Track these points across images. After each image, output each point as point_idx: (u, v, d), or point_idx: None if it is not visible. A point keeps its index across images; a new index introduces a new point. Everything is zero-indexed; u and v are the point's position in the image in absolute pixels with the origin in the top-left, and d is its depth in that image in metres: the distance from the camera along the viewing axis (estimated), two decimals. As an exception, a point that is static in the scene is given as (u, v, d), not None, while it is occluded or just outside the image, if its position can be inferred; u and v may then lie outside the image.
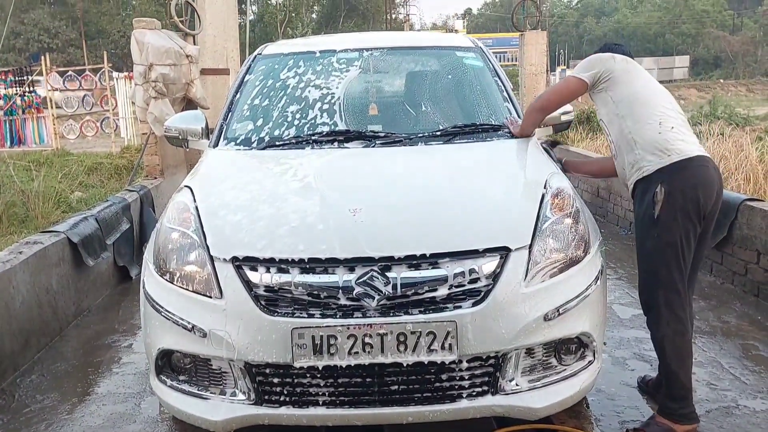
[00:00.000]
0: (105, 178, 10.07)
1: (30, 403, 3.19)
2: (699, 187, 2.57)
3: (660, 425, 2.68)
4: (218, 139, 3.40)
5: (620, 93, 2.76)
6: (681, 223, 2.56)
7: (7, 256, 3.65)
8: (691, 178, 2.58)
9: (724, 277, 4.61)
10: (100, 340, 3.99)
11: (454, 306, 2.25)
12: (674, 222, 2.56)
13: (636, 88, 2.77)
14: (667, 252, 2.59)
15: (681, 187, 2.56)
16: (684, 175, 2.58)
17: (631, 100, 2.73)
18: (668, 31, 65.53)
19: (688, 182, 2.57)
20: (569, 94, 3.01)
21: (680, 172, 2.58)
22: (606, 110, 2.84)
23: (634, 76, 2.80)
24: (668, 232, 2.58)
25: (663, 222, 2.58)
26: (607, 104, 2.81)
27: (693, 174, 2.58)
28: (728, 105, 16.33)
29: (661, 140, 2.63)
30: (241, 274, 2.31)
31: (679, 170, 2.58)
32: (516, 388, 2.36)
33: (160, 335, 2.44)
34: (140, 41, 6.32)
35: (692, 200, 2.56)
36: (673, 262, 2.59)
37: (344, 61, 3.66)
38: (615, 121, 2.78)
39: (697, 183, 2.58)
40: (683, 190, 2.56)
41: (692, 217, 2.57)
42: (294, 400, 2.31)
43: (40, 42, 40.45)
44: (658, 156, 2.62)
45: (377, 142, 3.17)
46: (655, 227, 2.60)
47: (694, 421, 2.69)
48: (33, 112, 14.17)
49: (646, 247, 2.66)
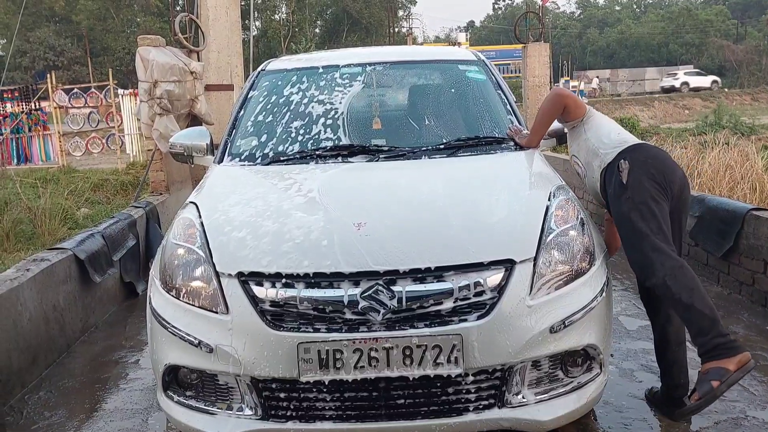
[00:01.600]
0: (111, 195, 10.14)
1: (38, 420, 3.20)
2: (659, 158, 2.86)
3: (708, 372, 2.50)
4: (223, 155, 3.42)
5: (591, 125, 3.06)
6: (647, 185, 2.75)
7: (14, 273, 3.67)
8: (649, 151, 2.88)
9: (731, 287, 4.59)
10: (107, 356, 3.99)
11: (460, 319, 2.25)
12: (641, 185, 2.75)
13: (602, 120, 3.11)
14: (641, 209, 2.72)
15: (641, 158, 2.82)
16: (642, 150, 2.88)
17: (597, 127, 3.04)
18: (672, 41, 65.67)
19: (648, 155, 2.85)
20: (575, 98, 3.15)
21: (638, 149, 2.88)
22: (577, 142, 3.12)
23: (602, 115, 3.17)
24: (638, 192, 2.75)
25: (631, 185, 2.77)
26: (579, 136, 3.10)
27: (650, 150, 2.91)
28: (733, 114, 16.34)
29: (619, 138, 2.95)
30: (247, 289, 2.31)
31: (637, 148, 2.89)
32: (522, 401, 2.36)
33: (167, 351, 2.45)
34: (145, 58, 6.38)
35: (653, 166, 2.79)
36: (649, 216, 2.70)
37: (347, 75, 3.69)
38: (583, 145, 3.07)
39: (656, 154, 2.87)
40: (643, 160, 2.81)
41: (659, 181, 2.77)
42: (301, 414, 2.31)
43: (45, 60, 40.84)
44: (618, 147, 2.90)
45: (381, 156, 3.19)
46: (625, 191, 2.77)
47: (738, 350, 2.51)
48: (39, 130, 14.28)
49: (623, 212, 2.78)
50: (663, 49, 66.29)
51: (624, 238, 2.82)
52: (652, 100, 36.71)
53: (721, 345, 2.51)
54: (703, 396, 2.49)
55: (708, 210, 4.81)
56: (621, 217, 2.81)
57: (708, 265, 4.86)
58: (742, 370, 2.48)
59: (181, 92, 6.60)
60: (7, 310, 3.39)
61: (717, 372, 2.48)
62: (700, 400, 2.51)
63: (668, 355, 2.92)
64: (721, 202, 4.79)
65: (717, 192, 6.60)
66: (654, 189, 2.75)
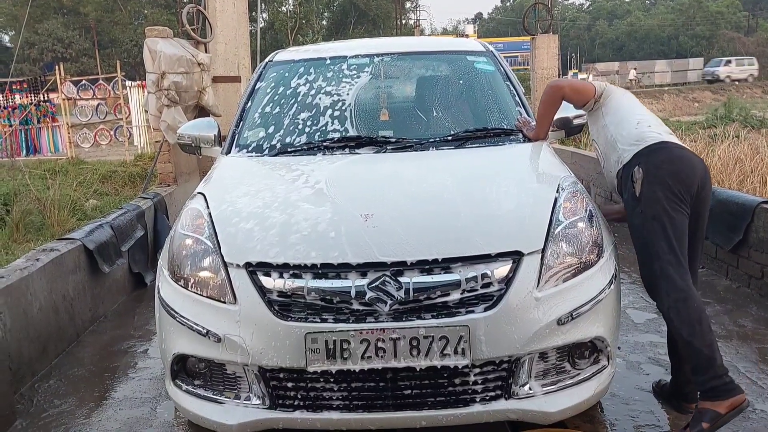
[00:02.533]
0: (119, 186, 10.19)
1: (48, 408, 3.23)
2: (675, 162, 2.70)
3: (701, 412, 2.55)
4: (230, 146, 3.42)
5: (610, 109, 2.98)
6: (662, 197, 2.65)
7: (24, 263, 3.69)
8: (665, 155, 2.72)
9: (740, 280, 4.57)
10: (116, 346, 4.02)
11: (467, 311, 2.26)
12: (654, 196, 2.66)
13: (623, 104, 2.99)
14: (654, 225, 2.65)
15: (657, 164, 2.70)
16: (658, 154, 2.73)
17: (616, 111, 2.96)
18: (682, 33, 65.14)
19: (664, 159, 2.71)
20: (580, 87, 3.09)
21: (655, 153, 2.73)
22: (596, 126, 3.05)
23: (627, 99, 3.04)
24: (650, 206, 2.66)
25: (645, 198, 2.68)
26: (598, 120, 3.02)
27: (667, 153, 2.73)
28: (743, 107, 16.22)
29: (637, 133, 2.82)
30: (255, 279, 2.32)
31: (654, 151, 2.74)
32: (529, 392, 2.36)
33: (176, 340, 2.46)
34: (152, 50, 6.38)
35: (670, 174, 2.67)
36: (660, 233, 2.63)
37: (355, 67, 3.68)
38: (602, 132, 3.00)
39: (672, 158, 2.71)
40: (659, 166, 2.69)
41: (675, 191, 2.66)
42: (308, 404, 2.32)
43: (54, 52, 40.92)
44: (635, 145, 2.79)
45: (388, 148, 3.19)
46: (638, 204, 2.71)
47: (732, 393, 2.51)
48: (48, 121, 14.34)
49: (635, 225, 2.75)
50: (673, 42, 65.78)
51: (637, 250, 2.79)
52: (661, 92, 36.47)
53: (716, 387, 2.53)
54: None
55: (718, 203, 4.78)
56: (634, 230, 2.78)
57: (717, 259, 4.84)
58: (734, 413, 2.51)
59: (188, 84, 6.60)
60: (17, 300, 3.41)
61: (709, 414, 2.52)
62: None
63: (681, 350, 2.87)
64: (731, 195, 4.77)
65: (727, 185, 6.57)
66: (669, 200, 2.65)
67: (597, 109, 3.03)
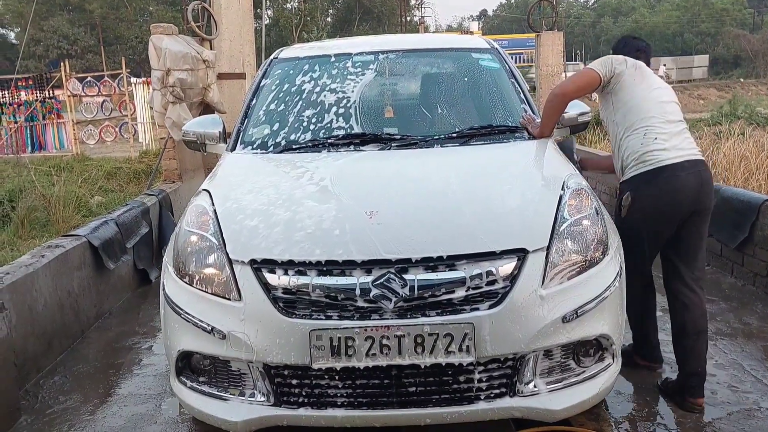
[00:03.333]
0: (124, 183, 10.21)
1: (53, 404, 3.24)
2: (664, 197, 2.83)
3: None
4: (235, 143, 3.42)
5: (620, 99, 2.99)
6: (643, 228, 2.90)
7: (29, 259, 3.70)
8: (657, 189, 2.84)
9: (745, 278, 4.56)
10: (121, 342, 4.03)
11: (472, 308, 2.25)
12: (636, 226, 2.90)
13: (635, 95, 2.96)
14: (629, 244, 2.82)
15: (645, 196, 2.87)
16: (651, 186, 2.85)
17: (627, 109, 2.96)
18: (687, 30, 64.91)
19: (652, 193, 2.85)
20: (585, 86, 3.12)
21: (648, 184, 2.86)
22: (605, 113, 3.11)
23: (639, 82, 2.98)
24: (632, 232, 2.89)
25: (627, 224, 2.90)
26: (608, 108, 3.07)
27: (661, 185, 2.84)
28: (749, 104, 16.15)
29: (642, 151, 2.88)
30: (260, 276, 2.32)
31: (648, 182, 2.85)
32: (534, 390, 2.36)
33: (180, 337, 2.47)
34: (158, 47, 6.39)
35: (659, 205, 2.85)
36: (631, 253, 2.82)
37: (360, 64, 3.67)
38: (610, 126, 3.08)
39: (662, 194, 2.84)
40: (646, 200, 2.87)
41: (659, 221, 2.88)
42: (312, 401, 2.33)
43: (59, 48, 41.02)
44: (635, 166, 2.90)
45: (393, 145, 3.18)
46: (621, 224, 2.90)
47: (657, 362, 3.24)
48: (53, 118, 14.38)
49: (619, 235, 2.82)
50: (678, 39, 65.57)
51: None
52: (666, 90, 36.33)
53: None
54: None
55: (723, 201, 4.77)
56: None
57: (722, 256, 4.82)
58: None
59: (193, 81, 6.61)
60: (22, 296, 3.43)
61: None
62: None
63: (685, 344, 2.94)
64: (736, 193, 4.75)
65: (732, 182, 6.54)
66: (649, 231, 2.91)
67: (606, 94, 3.06)
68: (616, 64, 3.01)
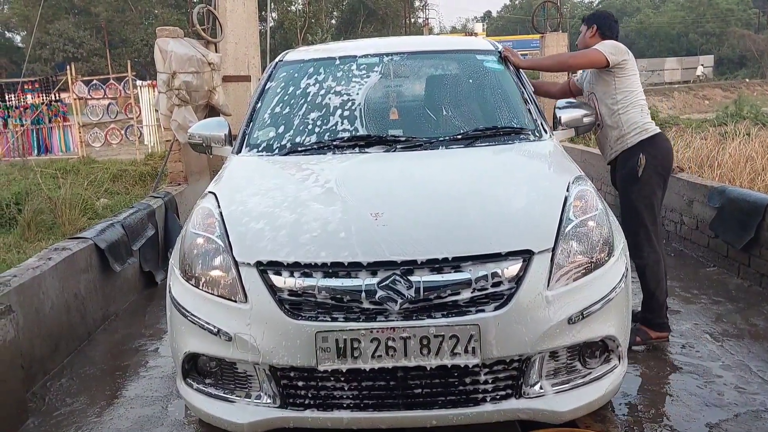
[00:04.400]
0: (129, 185, 10.24)
1: (60, 407, 3.25)
2: (666, 154, 3.57)
3: (640, 330, 3.53)
4: (241, 146, 3.43)
5: (622, 82, 3.57)
6: (656, 181, 3.50)
7: (36, 262, 3.72)
8: (661, 148, 3.54)
9: (751, 279, 4.54)
10: (127, 345, 4.04)
11: (477, 309, 2.26)
12: (651, 181, 3.49)
13: (632, 81, 3.59)
14: (646, 201, 3.49)
15: (655, 155, 3.50)
16: (655, 144, 3.52)
17: (627, 91, 3.57)
18: (692, 30, 64.65)
19: (661, 152, 3.53)
20: (589, 62, 3.62)
21: (653, 143, 3.52)
22: (604, 89, 3.61)
23: (634, 71, 3.61)
24: (648, 187, 3.49)
25: (644, 180, 3.48)
26: (608, 86, 3.59)
27: (662, 145, 3.56)
28: (754, 105, 16.11)
29: (641, 122, 3.55)
30: (266, 278, 2.33)
31: (652, 143, 3.52)
32: (540, 391, 2.36)
33: (187, 339, 2.48)
34: (163, 50, 6.41)
35: (662, 162, 3.52)
36: (650, 208, 3.50)
37: (365, 66, 3.68)
38: (609, 102, 3.59)
39: (665, 151, 3.57)
40: (656, 156, 3.50)
41: (664, 177, 3.55)
42: (318, 403, 2.33)
43: (65, 52, 41.13)
44: (638, 134, 3.53)
45: (398, 147, 3.19)
46: (637, 183, 3.49)
47: (666, 330, 3.57)
48: (59, 121, 14.43)
49: (631, 199, 3.52)
50: (683, 39, 65.31)
51: (625, 215, 3.55)
52: (671, 90, 36.27)
53: (657, 323, 3.55)
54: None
55: (729, 201, 4.76)
56: (627, 203, 3.55)
57: (728, 257, 4.81)
58: (658, 341, 3.56)
59: (199, 83, 6.62)
60: (29, 299, 3.44)
61: (644, 334, 3.54)
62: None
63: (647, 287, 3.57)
64: (742, 194, 4.74)
65: (737, 183, 6.52)
66: (659, 183, 3.52)
67: (608, 74, 3.57)
68: (624, 55, 3.54)
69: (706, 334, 3.74)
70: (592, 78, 3.72)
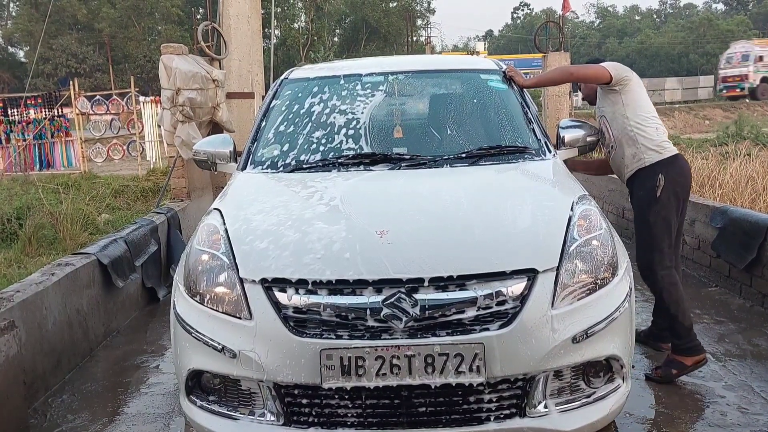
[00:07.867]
0: (131, 201, 10.23)
1: (61, 423, 3.24)
2: (686, 176, 3.49)
3: (673, 361, 3.37)
4: (246, 163, 3.45)
5: (629, 99, 3.52)
6: (673, 202, 3.42)
7: (40, 277, 3.72)
8: (679, 169, 3.46)
9: (753, 299, 4.54)
10: (129, 361, 4.03)
11: (482, 328, 2.26)
12: (669, 202, 3.41)
13: (641, 97, 3.55)
14: (663, 224, 3.41)
15: (674, 176, 3.42)
16: (675, 166, 3.45)
17: (636, 106, 3.51)
18: (692, 50, 65.05)
19: (679, 173, 3.45)
20: (593, 77, 3.60)
21: (673, 165, 3.44)
22: (612, 109, 3.56)
23: (639, 88, 3.56)
24: (665, 208, 3.41)
25: (662, 201, 3.40)
26: (616, 104, 3.54)
27: (681, 167, 3.48)
28: (754, 125, 16.14)
29: (658, 140, 3.47)
30: (271, 295, 2.34)
31: (672, 164, 3.44)
32: (544, 410, 2.35)
33: (191, 356, 2.47)
34: (168, 66, 6.46)
35: (681, 184, 3.45)
36: (666, 231, 3.42)
37: (369, 85, 3.70)
38: (620, 119, 3.53)
39: (684, 173, 3.48)
40: (676, 178, 3.42)
41: (680, 198, 3.46)
42: (322, 421, 2.32)
43: (68, 67, 41.38)
44: (656, 152, 3.45)
45: (403, 165, 3.20)
46: (656, 204, 3.41)
47: (700, 352, 3.37)
48: (61, 136, 14.47)
49: (647, 221, 3.44)
50: (683, 59, 65.69)
51: (640, 238, 3.50)
52: (672, 110, 36.37)
53: (689, 348, 3.36)
54: (663, 376, 3.37)
55: (730, 222, 4.77)
56: (644, 223, 3.46)
57: (730, 277, 4.81)
58: (696, 366, 3.37)
59: (203, 100, 6.67)
60: (32, 314, 3.44)
61: (679, 365, 3.36)
62: (660, 378, 3.38)
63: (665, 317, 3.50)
64: (744, 214, 4.75)
65: (739, 203, 6.54)
66: (676, 204, 3.44)
67: (613, 92, 3.53)
68: (626, 72, 3.53)
69: (709, 354, 3.73)
70: (601, 101, 3.68)
